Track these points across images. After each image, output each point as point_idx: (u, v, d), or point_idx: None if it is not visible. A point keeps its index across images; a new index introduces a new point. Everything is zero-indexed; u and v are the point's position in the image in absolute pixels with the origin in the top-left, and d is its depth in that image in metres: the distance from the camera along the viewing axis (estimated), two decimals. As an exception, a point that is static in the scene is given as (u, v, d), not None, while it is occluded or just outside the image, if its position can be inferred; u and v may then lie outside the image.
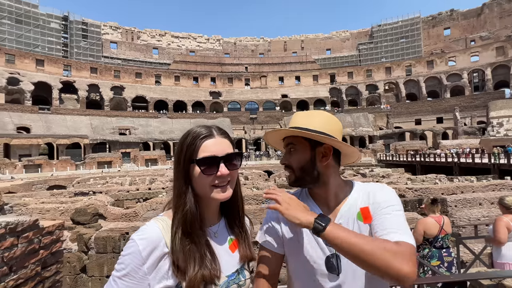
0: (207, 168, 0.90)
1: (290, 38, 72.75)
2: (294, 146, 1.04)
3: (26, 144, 33.87)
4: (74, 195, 13.69)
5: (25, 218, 1.84)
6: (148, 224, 0.90)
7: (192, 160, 0.91)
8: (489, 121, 37.78)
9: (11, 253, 1.68)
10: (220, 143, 0.94)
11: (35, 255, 1.88)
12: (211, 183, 0.91)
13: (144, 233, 0.85)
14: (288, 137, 1.07)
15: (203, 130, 0.94)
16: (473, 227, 5.97)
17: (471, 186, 10.59)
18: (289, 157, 1.04)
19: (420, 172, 25.13)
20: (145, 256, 0.82)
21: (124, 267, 0.82)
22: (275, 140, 1.15)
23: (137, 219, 9.04)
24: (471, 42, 57.25)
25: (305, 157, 1.02)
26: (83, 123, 43.21)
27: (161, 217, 0.94)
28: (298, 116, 1.08)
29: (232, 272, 0.95)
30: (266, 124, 54.26)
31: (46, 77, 46.51)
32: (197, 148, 0.91)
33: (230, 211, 1.04)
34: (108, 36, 62.89)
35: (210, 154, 0.90)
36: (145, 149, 43.27)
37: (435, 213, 3.59)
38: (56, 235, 2.11)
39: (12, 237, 1.70)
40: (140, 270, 0.82)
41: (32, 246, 1.86)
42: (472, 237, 5.56)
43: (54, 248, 2.08)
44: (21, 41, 49.47)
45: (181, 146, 0.94)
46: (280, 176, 22.18)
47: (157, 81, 57.78)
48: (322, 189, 1.05)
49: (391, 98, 57.36)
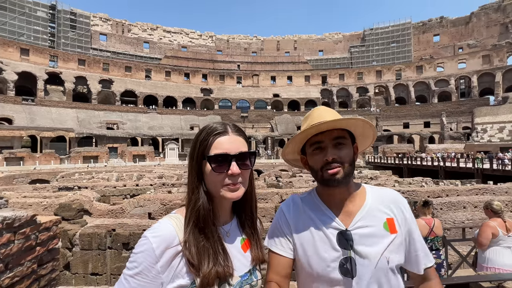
0: (218, 166, 0.88)
1: (283, 38, 72.93)
2: (345, 140, 1.02)
3: (7, 136, 32.58)
4: (58, 189, 13.32)
5: (22, 213, 1.76)
6: (161, 221, 0.88)
7: (204, 156, 0.89)
8: (474, 127, 39.01)
9: (8, 249, 1.62)
10: (234, 141, 0.92)
11: (32, 252, 1.82)
12: (222, 181, 0.89)
13: (157, 231, 0.84)
14: (334, 129, 1.02)
15: (218, 126, 0.93)
16: (458, 229, 6.14)
17: (455, 190, 10.91)
18: (338, 151, 1.01)
19: (407, 174, 25.76)
20: (158, 254, 0.80)
21: (136, 265, 0.80)
22: (291, 152, 1.13)
23: (124, 215, 8.89)
24: (459, 49, 59.04)
25: (351, 153, 1.03)
26: (69, 116, 41.94)
27: (174, 214, 0.92)
28: (325, 111, 1.05)
29: (245, 272, 0.94)
30: (257, 123, 54.24)
31: (31, 67, 44.84)
32: (209, 144, 0.90)
33: (242, 211, 1.02)
34: (97, 28, 61.26)
35: (223, 151, 0.88)
36: (133, 144, 42.45)
37: (426, 215, 3.65)
38: (53, 231, 2.03)
39: (9, 232, 1.64)
40: (153, 268, 0.80)
41: (29, 242, 1.79)
42: (459, 239, 5.68)
43: (51, 245, 2.01)
44: (5, 28, 47.49)
45: (195, 141, 0.93)
46: (270, 176, 22.21)
47: (147, 76, 56.73)
48: (344, 189, 1.03)
49: (381, 101, 58.44)
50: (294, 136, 1.06)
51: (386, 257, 0.95)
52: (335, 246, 0.97)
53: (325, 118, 1.00)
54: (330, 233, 0.99)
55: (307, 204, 1.07)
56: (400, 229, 0.99)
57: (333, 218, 1.01)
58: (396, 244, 0.98)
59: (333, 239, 0.98)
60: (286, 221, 1.06)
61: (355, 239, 0.96)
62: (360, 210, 1.01)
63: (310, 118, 1.05)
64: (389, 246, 0.96)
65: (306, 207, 1.07)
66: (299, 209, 1.07)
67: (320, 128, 1.00)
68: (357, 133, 1.07)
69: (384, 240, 0.97)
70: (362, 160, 37.62)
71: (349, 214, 1.01)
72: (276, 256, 1.04)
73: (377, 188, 1.08)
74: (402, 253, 1.00)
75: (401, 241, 0.99)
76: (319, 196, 1.08)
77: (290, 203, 1.11)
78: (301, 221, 1.05)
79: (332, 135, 1.01)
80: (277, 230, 1.07)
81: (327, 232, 0.99)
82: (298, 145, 1.11)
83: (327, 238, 0.98)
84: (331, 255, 0.97)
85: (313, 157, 1.03)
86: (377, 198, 1.04)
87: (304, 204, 1.08)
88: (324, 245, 0.98)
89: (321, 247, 0.99)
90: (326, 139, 1.01)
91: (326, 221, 1.01)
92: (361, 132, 1.07)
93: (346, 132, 1.04)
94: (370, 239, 0.97)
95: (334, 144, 1.01)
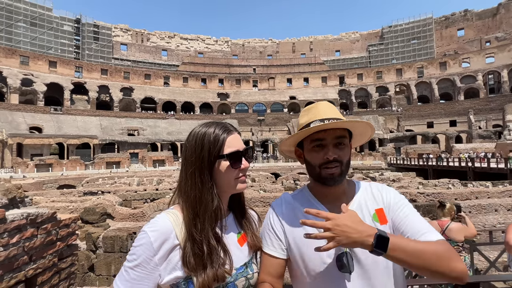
0: (234, 162, 0.95)
1: (299, 40, 72.68)
2: (345, 140, 1.03)
3: (38, 144, 34.62)
4: (83, 194, 13.87)
5: (44, 210, 1.85)
6: (159, 216, 0.92)
7: (219, 156, 0.94)
8: (506, 125, 36.79)
9: (31, 243, 1.73)
10: (238, 138, 1.00)
11: (53, 246, 1.93)
12: (237, 175, 0.97)
13: (155, 225, 0.88)
14: (336, 129, 1.02)
15: (223, 128, 0.98)
16: (488, 233, 5.73)
17: (486, 192, 10.28)
18: (338, 150, 1.01)
19: (432, 176, 24.61)
20: (156, 247, 0.85)
21: (136, 257, 0.84)
22: (289, 144, 1.12)
23: (144, 219, 9.11)
24: (486, 43, 56.05)
25: (349, 152, 1.04)
26: (92, 124, 43.97)
27: (171, 210, 0.96)
28: (325, 107, 1.06)
29: (241, 265, 0.95)
30: (273, 126, 54.17)
31: (58, 78, 47.59)
32: (222, 143, 0.95)
33: (236, 204, 1.06)
34: (118, 38, 64.04)
35: (236, 149, 0.96)
36: (153, 150, 43.68)
37: (442, 217, 3.48)
38: (72, 228, 2.11)
39: (32, 228, 1.76)
40: (151, 261, 0.84)
41: (50, 237, 1.88)
42: (486, 243, 5.32)
43: (70, 240, 2.09)
44: (35, 43, 50.81)
45: (202, 143, 0.95)
46: (288, 179, 22.00)
47: (165, 83, 58.45)
48: (338, 186, 1.03)
49: (402, 100, 56.55)
50: (298, 132, 1.05)
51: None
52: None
53: (327, 115, 1.01)
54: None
55: (299, 201, 1.07)
56: (392, 218, 0.98)
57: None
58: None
59: None
60: (278, 220, 1.06)
61: None
62: (350, 204, 1.02)
63: (313, 113, 1.05)
64: None
65: (298, 204, 1.06)
66: (291, 207, 1.07)
67: (327, 126, 1.00)
68: (356, 133, 1.08)
69: None
70: (384, 162, 36.43)
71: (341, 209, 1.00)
72: (268, 257, 1.03)
73: (367, 183, 1.10)
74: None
75: (392, 231, 0.98)
76: (311, 192, 1.09)
77: (282, 201, 1.10)
78: (294, 219, 1.03)
79: (335, 134, 1.01)
80: (269, 230, 1.06)
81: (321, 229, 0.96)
82: (297, 139, 1.11)
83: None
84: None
85: (312, 153, 1.03)
86: (365, 191, 1.06)
87: (296, 201, 1.08)
88: (318, 242, 0.95)
89: (316, 244, 0.95)
90: (328, 138, 1.01)
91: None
92: (360, 131, 1.09)
93: (347, 132, 1.05)
94: None
95: (335, 143, 1.01)
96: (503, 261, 5.12)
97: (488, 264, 4.73)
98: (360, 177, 20.27)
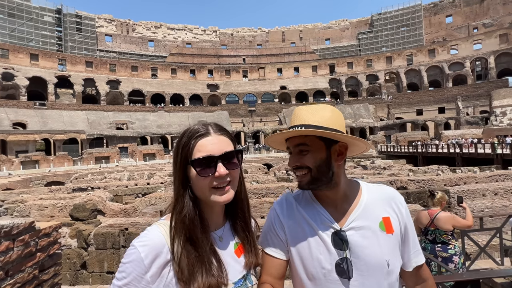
0: (203, 170, 0.85)
1: (288, 28, 71.81)
2: (307, 147, 0.96)
3: (22, 140, 33.55)
4: (73, 191, 13.60)
5: (20, 220, 1.71)
6: (150, 229, 0.85)
7: (188, 162, 0.86)
8: (492, 111, 37.64)
9: (7, 257, 1.61)
10: (218, 141, 0.88)
11: (32, 258, 1.79)
12: (210, 185, 0.86)
13: (145, 239, 0.81)
14: (296, 137, 0.97)
15: (199, 128, 0.90)
16: (477, 219, 5.86)
17: (474, 177, 10.54)
18: (300, 158, 0.96)
19: (422, 163, 25.12)
20: (147, 264, 0.78)
21: (125, 275, 0.78)
22: (276, 140, 1.06)
23: (136, 214, 9.00)
24: (474, 29, 56.60)
25: (321, 157, 0.96)
26: (79, 118, 42.80)
27: (163, 221, 0.89)
28: (302, 111, 0.98)
29: (239, 278, 0.90)
30: (264, 117, 53.97)
31: (41, 72, 45.83)
32: (192, 148, 0.86)
33: (234, 213, 0.98)
34: (102, 29, 61.84)
35: (206, 154, 0.85)
36: (143, 143, 43.04)
37: (432, 206, 3.50)
38: (53, 237, 1.98)
39: (7, 240, 1.63)
40: (143, 279, 0.78)
41: (29, 249, 1.75)
42: (476, 229, 5.42)
43: (52, 250, 1.96)
44: (14, 35, 48.55)
45: (177, 147, 0.90)
46: (280, 169, 22.07)
47: (153, 74, 57.14)
48: (333, 190, 0.99)
49: (392, 88, 57.03)
50: (270, 139, 1.06)
51: (386, 259, 0.93)
52: (330, 246, 0.94)
53: (300, 122, 0.96)
54: (325, 233, 0.96)
55: (301, 203, 1.04)
56: (396, 229, 0.97)
57: (328, 218, 0.98)
58: (393, 245, 0.96)
59: (327, 239, 0.95)
60: (279, 221, 1.03)
61: (350, 239, 0.93)
62: (355, 209, 0.98)
63: (292, 119, 1.01)
64: (386, 246, 0.94)
65: (299, 205, 1.03)
66: (292, 208, 1.04)
67: (284, 136, 0.99)
68: (340, 138, 0.97)
69: (380, 241, 0.94)
70: (375, 150, 36.94)
71: (343, 213, 0.99)
72: (269, 258, 1.02)
73: (374, 186, 1.05)
74: (399, 253, 0.99)
75: (398, 240, 0.98)
76: (314, 195, 1.04)
77: (284, 201, 1.07)
78: (295, 221, 1.01)
79: (294, 142, 0.98)
80: (270, 231, 1.04)
81: (321, 232, 0.96)
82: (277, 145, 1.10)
83: (321, 239, 0.96)
84: (326, 256, 0.94)
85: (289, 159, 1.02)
86: (373, 196, 1.00)
87: (297, 202, 1.05)
88: (318, 246, 0.96)
89: (316, 248, 0.96)
90: (291, 146, 0.99)
91: (320, 221, 0.98)
92: (346, 139, 0.98)
93: (313, 138, 0.95)
94: (366, 239, 0.94)
95: (297, 151, 0.98)
96: (492, 245, 5.26)
97: (478, 250, 4.86)
98: (352, 165, 20.51)
